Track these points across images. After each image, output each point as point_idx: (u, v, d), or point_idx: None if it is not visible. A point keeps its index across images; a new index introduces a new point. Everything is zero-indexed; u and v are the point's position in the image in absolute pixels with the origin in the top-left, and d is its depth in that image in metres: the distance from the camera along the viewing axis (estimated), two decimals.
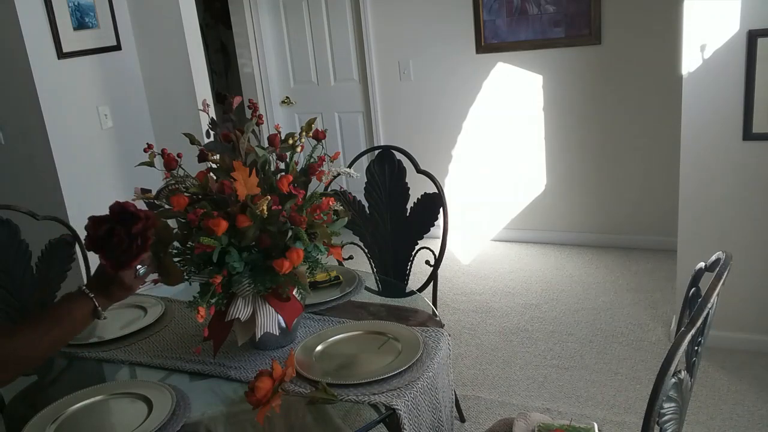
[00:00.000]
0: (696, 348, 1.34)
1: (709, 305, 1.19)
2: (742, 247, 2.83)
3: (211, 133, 1.70)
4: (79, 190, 3.40)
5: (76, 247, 2.28)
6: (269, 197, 1.52)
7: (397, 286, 2.42)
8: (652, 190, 4.11)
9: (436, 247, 2.43)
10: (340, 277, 2.15)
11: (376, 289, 2.25)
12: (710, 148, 2.80)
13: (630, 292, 3.64)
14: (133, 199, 1.63)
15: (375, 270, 2.54)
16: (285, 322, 1.67)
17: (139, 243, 1.34)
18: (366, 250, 2.57)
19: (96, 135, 3.53)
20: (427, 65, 4.45)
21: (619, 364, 2.95)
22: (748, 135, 2.71)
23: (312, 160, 1.72)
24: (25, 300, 2.16)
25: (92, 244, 1.37)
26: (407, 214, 2.49)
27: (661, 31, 3.79)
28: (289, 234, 1.56)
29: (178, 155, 1.65)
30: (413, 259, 2.50)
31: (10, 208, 2.22)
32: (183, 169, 1.65)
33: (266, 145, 1.71)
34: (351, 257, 2.56)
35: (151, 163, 1.65)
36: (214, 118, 1.74)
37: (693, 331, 1.15)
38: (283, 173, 1.69)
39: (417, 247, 2.47)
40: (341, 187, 2.47)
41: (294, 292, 1.65)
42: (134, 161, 2.41)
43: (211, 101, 3.98)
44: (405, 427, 1.48)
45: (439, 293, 3.01)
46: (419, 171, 2.48)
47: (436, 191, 2.41)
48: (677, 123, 2.89)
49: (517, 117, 4.31)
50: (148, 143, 1.67)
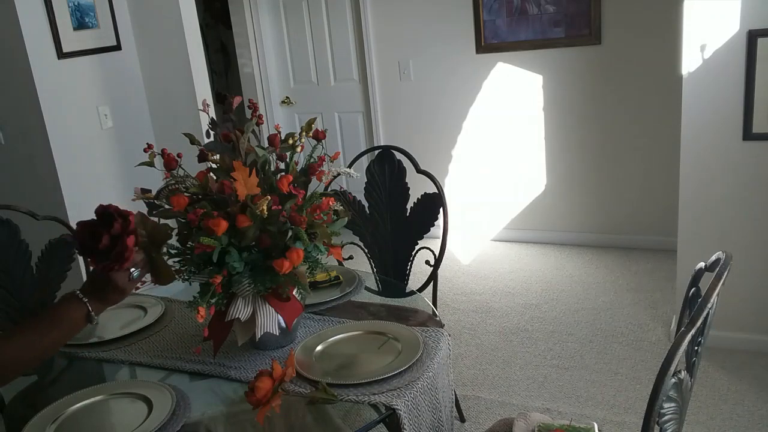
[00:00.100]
0: (696, 348, 1.34)
1: (709, 305, 1.19)
2: (742, 247, 2.83)
3: (211, 133, 1.70)
4: (79, 190, 3.40)
5: None
6: (269, 197, 1.52)
7: (397, 286, 2.41)
8: (652, 190, 4.11)
9: (436, 247, 2.43)
10: (340, 277, 2.15)
11: (376, 289, 2.25)
12: (710, 148, 2.80)
13: (630, 292, 3.64)
14: (133, 199, 1.63)
15: (375, 270, 2.54)
16: (285, 322, 1.67)
17: (122, 243, 1.31)
18: (366, 250, 2.57)
19: (96, 135, 3.53)
20: (427, 65, 4.45)
21: (619, 364, 2.95)
22: (748, 135, 2.71)
23: (312, 160, 1.72)
24: (25, 300, 2.15)
25: (82, 249, 1.36)
26: (407, 214, 2.49)
27: (661, 31, 3.79)
28: (289, 234, 1.56)
29: (178, 155, 1.65)
30: (413, 259, 2.50)
31: (10, 208, 2.22)
32: (183, 169, 1.65)
33: (266, 145, 1.71)
34: (351, 257, 2.56)
35: (151, 163, 1.65)
36: (214, 118, 1.74)
37: (693, 331, 1.15)
38: (283, 173, 1.69)
39: (417, 247, 2.47)
40: (341, 187, 2.47)
41: (294, 292, 1.65)
42: (134, 161, 2.41)
43: (211, 101, 3.98)
44: (405, 427, 1.48)
45: (439, 293, 3.01)
46: (419, 171, 2.48)
47: (436, 191, 2.41)
48: (677, 123, 2.89)
49: (517, 117, 4.31)
50: (148, 143, 1.67)
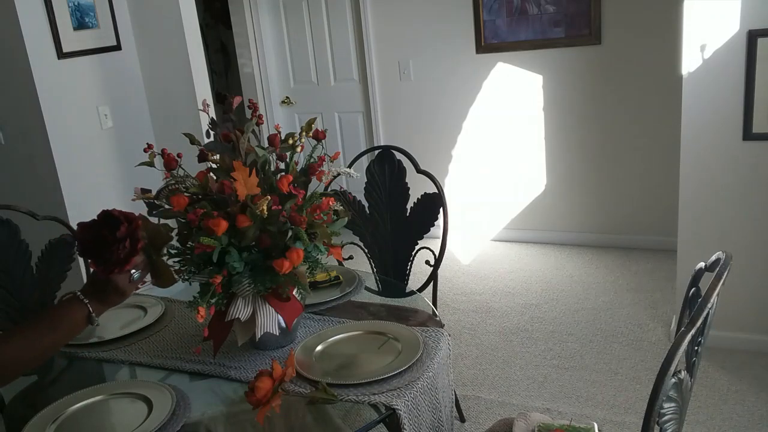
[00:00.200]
0: (696, 348, 1.34)
1: (709, 305, 1.19)
2: (742, 247, 2.83)
3: (211, 133, 1.70)
4: (79, 190, 3.40)
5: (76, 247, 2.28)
6: (269, 197, 1.52)
7: (397, 286, 2.41)
8: (652, 190, 4.11)
9: (436, 247, 2.43)
10: (340, 277, 2.15)
11: (376, 289, 2.25)
12: (710, 148, 2.80)
13: (630, 292, 3.64)
14: (133, 199, 1.63)
15: (375, 270, 2.54)
16: (285, 322, 1.67)
17: (126, 246, 1.32)
18: (366, 250, 2.57)
19: (96, 135, 3.53)
20: (427, 65, 4.45)
21: (619, 364, 2.95)
22: (748, 135, 2.71)
23: (312, 160, 1.72)
24: (25, 300, 2.16)
25: (83, 251, 1.36)
26: (407, 214, 2.49)
27: (661, 31, 3.79)
28: (289, 234, 1.56)
29: (178, 155, 1.65)
30: (413, 259, 2.50)
31: (10, 208, 2.22)
32: (183, 169, 1.65)
33: (266, 145, 1.71)
34: (351, 257, 2.56)
35: (151, 163, 1.65)
36: (214, 118, 1.74)
37: (693, 331, 1.15)
38: (283, 173, 1.69)
39: (417, 247, 2.47)
40: (341, 187, 2.47)
41: (294, 292, 1.65)
42: (134, 161, 2.41)
43: (211, 101, 3.98)
44: (405, 427, 1.48)
45: (439, 293, 3.01)
46: (419, 171, 2.48)
47: (436, 191, 2.41)
48: (677, 123, 2.89)
49: (517, 117, 4.31)
50: (148, 143, 1.67)
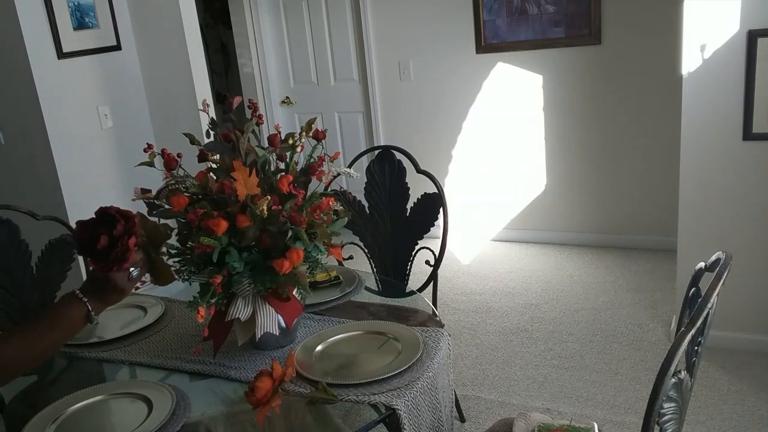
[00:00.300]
0: (696, 348, 1.34)
1: (709, 305, 1.19)
2: (742, 247, 2.83)
3: (211, 133, 1.70)
4: (79, 190, 3.40)
5: None
6: (269, 197, 1.52)
7: (397, 286, 2.41)
8: (652, 190, 4.11)
9: (436, 247, 2.43)
10: (340, 277, 2.15)
11: (376, 289, 2.25)
12: (710, 148, 2.80)
13: (630, 292, 3.64)
14: (133, 199, 1.63)
15: (375, 270, 2.54)
16: (285, 322, 1.67)
17: (123, 244, 1.31)
18: (366, 250, 2.57)
19: (96, 135, 3.53)
20: (427, 65, 4.45)
21: (619, 364, 2.95)
22: (748, 135, 2.71)
23: (312, 160, 1.72)
24: (25, 300, 2.16)
25: (81, 249, 1.36)
26: (407, 214, 2.49)
27: (661, 31, 3.79)
28: (289, 234, 1.56)
29: (178, 155, 1.65)
30: (413, 259, 2.50)
31: (10, 208, 2.22)
32: (183, 169, 1.65)
33: (266, 145, 1.71)
34: (351, 257, 2.56)
35: (151, 163, 1.65)
36: (214, 118, 1.74)
37: (693, 331, 1.15)
38: (283, 173, 1.69)
39: (417, 247, 2.47)
40: (341, 187, 2.47)
41: (294, 292, 1.65)
42: (134, 161, 2.40)
43: (211, 101, 3.98)
44: (405, 427, 1.48)
45: (439, 293, 3.01)
46: (419, 171, 2.48)
47: (436, 191, 2.41)
48: (677, 123, 2.89)
49: (517, 117, 4.31)
50: (148, 143, 1.67)
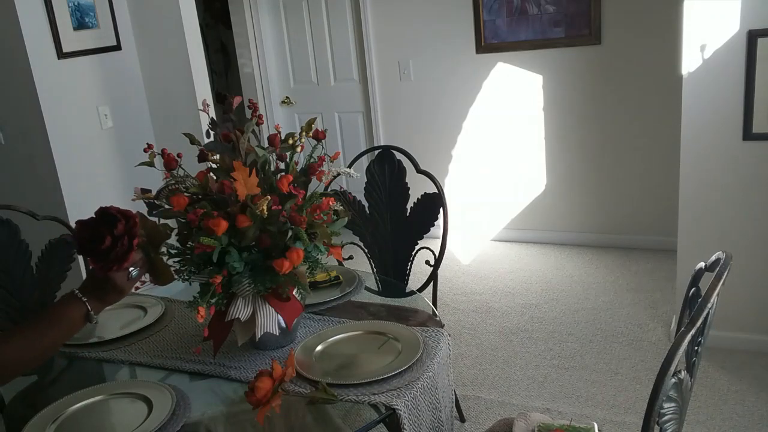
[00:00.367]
0: (696, 348, 1.34)
1: (709, 305, 1.19)
2: (742, 247, 2.83)
3: (211, 133, 1.70)
4: (79, 190, 3.40)
5: None
6: (269, 197, 1.52)
7: (397, 286, 2.41)
8: (652, 190, 4.11)
9: (436, 247, 2.43)
10: (340, 277, 2.15)
11: (376, 289, 2.25)
12: (710, 148, 2.80)
13: (630, 292, 3.64)
14: (133, 199, 1.63)
15: (375, 270, 2.54)
16: (285, 322, 1.67)
17: (124, 244, 1.31)
18: (366, 250, 2.57)
19: (96, 135, 3.53)
20: (427, 65, 4.45)
21: (619, 364, 2.95)
22: (748, 135, 2.71)
23: (312, 160, 1.72)
24: (25, 300, 2.16)
25: (81, 248, 1.36)
26: (407, 214, 2.49)
27: (661, 31, 3.79)
28: (289, 234, 1.56)
29: (178, 155, 1.65)
30: (413, 259, 2.50)
31: (10, 208, 2.22)
32: (183, 169, 1.65)
33: (266, 145, 1.71)
34: (351, 257, 2.56)
35: (151, 163, 1.65)
36: (214, 118, 1.74)
37: (693, 331, 1.15)
38: (283, 173, 1.69)
39: (417, 247, 2.47)
40: (341, 187, 2.47)
41: (294, 292, 1.65)
42: (134, 161, 2.40)
43: (211, 101, 3.98)
44: (405, 427, 1.48)
45: (439, 293, 3.01)
46: (419, 171, 2.48)
47: (436, 191, 2.41)
48: (677, 123, 2.89)
49: (517, 117, 4.31)
50: (148, 143, 1.67)
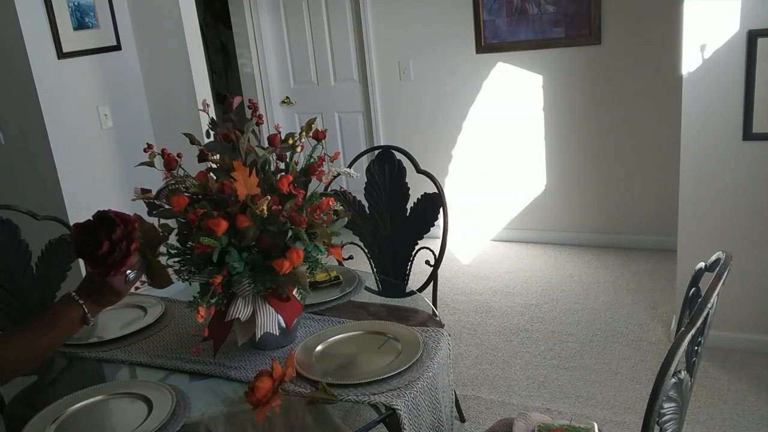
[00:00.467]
0: (696, 348, 1.34)
1: (709, 305, 1.19)
2: (742, 247, 2.83)
3: (211, 133, 1.70)
4: (79, 190, 3.40)
5: None
6: (269, 197, 1.52)
7: (397, 286, 2.41)
8: (652, 190, 4.11)
9: (436, 247, 2.43)
10: (340, 277, 2.15)
11: (376, 289, 2.25)
12: (710, 148, 2.80)
13: (630, 292, 3.64)
14: (133, 199, 1.63)
15: (375, 270, 2.54)
16: (285, 322, 1.67)
17: (122, 249, 1.31)
18: (366, 250, 2.57)
19: (96, 135, 3.53)
20: (427, 65, 4.45)
21: (619, 364, 2.95)
22: (748, 135, 2.71)
23: (312, 160, 1.72)
24: (25, 300, 2.16)
25: (78, 251, 1.35)
26: (407, 214, 2.49)
27: (661, 31, 3.79)
28: (289, 234, 1.56)
29: (178, 155, 1.65)
30: (413, 259, 2.50)
31: (10, 208, 2.22)
32: (183, 169, 1.65)
33: (266, 145, 1.71)
34: (351, 257, 2.56)
35: (151, 163, 1.65)
36: (214, 118, 1.74)
37: (693, 331, 1.15)
38: (283, 173, 1.69)
39: (417, 247, 2.47)
40: (341, 187, 2.47)
41: (294, 292, 1.65)
42: (134, 161, 2.41)
43: (211, 101, 3.98)
44: (405, 427, 1.48)
45: (439, 293, 3.01)
46: (419, 171, 2.48)
47: (436, 191, 2.41)
48: (677, 123, 2.89)
49: (517, 117, 4.31)
50: (148, 143, 1.67)
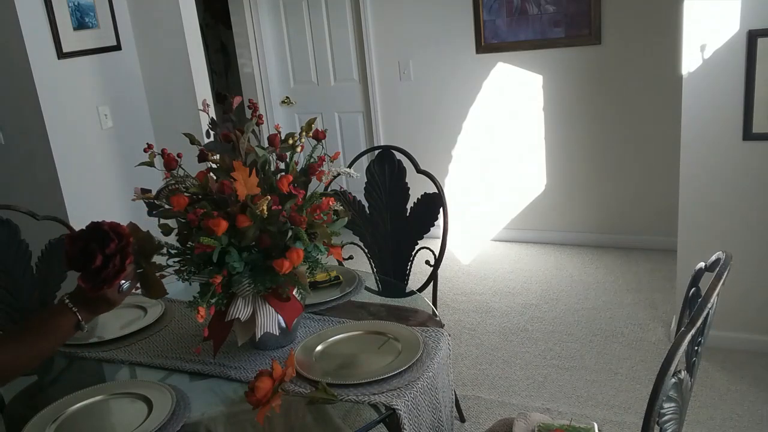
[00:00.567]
0: (696, 348, 1.34)
1: (709, 305, 1.19)
2: (742, 247, 2.83)
3: (211, 133, 1.70)
4: (79, 190, 3.40)
5: None
6: (269, 197, 1.52)
7: (397, 286, 2.41)
8: (652, 190, 4.11)
9: (436, 247, 2.43)
10: (340, 277, 2.15)
11: (376, 289, 2.25)
12: (710, 148, 2.80)
13: (630, 292, 3.64)
14: (133, 199, 1.63)
15: (375, 270, 2.54)
16: (285, 322, 1.67)
17: (115, 264, 1.30)
18: (366, 250, 2.57)
19: (96, 135, 3.53)
20: (427, 65, 4.45)
21: (619, 364, 2.95)
22: (748, 135, 2.71)
23: (312, 160, 1.72)
24: (25, 300, 2.16)
25: (70, 264, 1.34)
26: (407, 214, 2.49)
27: (661, 31, 3.79)
28: (289, 234, 1.56)
29: (178, 155, 1.65)
30: (413, 259, 2.50)
31: (10, 208, 2.22)
32: (183, 169, 1.65)
33: (266, 145, 1.71)
34: (351, 257, 2.56)
35: (151, 163, 1.65)
36: (214, 118, 1.74)
37: (693, 331, 1.15)
38: (283, 173, 1.69)
39: (417, 247, 2.47)
40: (341, 187, 2.47)
41: (294, 292, 1.65)
42: (134, 161, 2.41)
43: (211, 101, 3.98)
44: (405, 427, 1.48)
45: (439, 293, 3.01)
46: (419, 171, 2.48)
47: (436, 191, 2.41)
48: (677, 123, 2.89)
49: (517, 117, 4.31)
50: (148, 143, 1.67)
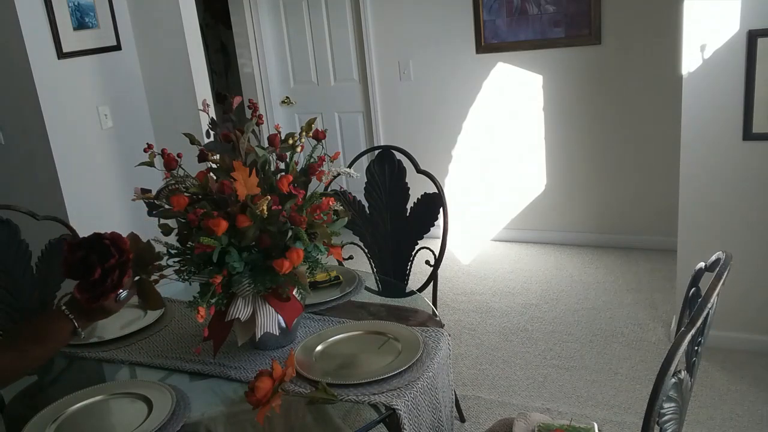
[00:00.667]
0: (696, 348, 1.34)
1: (709, 305, 1.19)
2: (742, 247, 2.83)
3: (211, 133, 1.70)
4: (79, 190, 3.40)
5: None
6: (269, 197, 1.52)
7: (397, 286, 2.41)
8: (652, 190, 4.11)
9: (436, 247, 2.43)
10: (340, 277, 2.15)
11: (376, 289, 2.25)
12: (710, 148, 2.80)
13: (630, 292, 3.64)
14: (133, 199, 1.63)
15: (375, 270, 2.54)
16: (285, 322, 1.67)
17: (113, 279, 1.30)
18: (366, 250, 2.57)
19: (96, 135, 3.53)
20: (427, 65, 4.45)
21: (619, 364, 2.95)
22: (748, 135, 2.71)
23: (312, 160, 1.72)
24: (25, 300, 2.16)
25: (68, 272, 1.34)
26: (407, 214, 2.49)
27: (661, 31, 3.79)
28: (289, 234, 1.56)
29: (178, 155, 1.65)
30: (413, 259, 2.50)
31: (10, 208, 2.22)
32: (183, 169, 1.65)
33: (266, 145, 1.71)
34: (351, 257, 2.56)
35: (151, 163, 1.65)
36: (214, 118, 1.74)
37: (693, 331, 1.15)
38: (283, 173, 1.69)
39: (417, 247, 2.47)
40: (341, 187, 2.47)
41: (294, 292, 1.65)
42: (134, 161, 2.41)
43: (211, 101, 3.98)
44: (405, 427, 1.48)
45: (439, 293, 3.01)
46: (419, 171, 2.48)
47: (436, 191, 2.41)
48: (677, 123, 2.89)
49: (517, 117, 4.31)
50: (148, 143, 1.67)
